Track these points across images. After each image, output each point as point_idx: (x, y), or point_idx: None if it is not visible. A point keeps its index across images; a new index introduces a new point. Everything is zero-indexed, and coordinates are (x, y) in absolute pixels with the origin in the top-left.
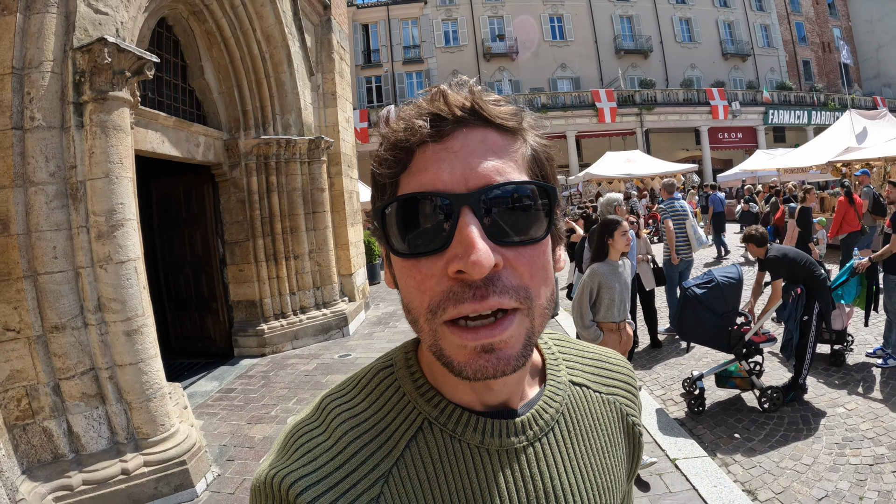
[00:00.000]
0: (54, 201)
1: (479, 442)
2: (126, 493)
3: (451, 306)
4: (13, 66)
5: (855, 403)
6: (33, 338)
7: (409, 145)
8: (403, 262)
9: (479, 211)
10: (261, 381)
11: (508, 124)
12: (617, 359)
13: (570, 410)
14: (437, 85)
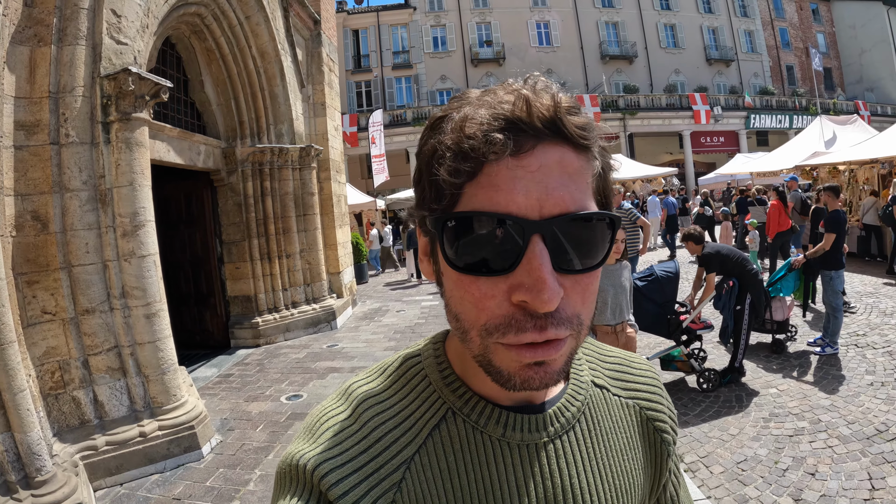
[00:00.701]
0: (86, 205)
1: (501, 435)
2: (143, 453)
3: (511, 333)
4: (49, 90)
5: (787, 385)
6: (67, 319)
7: (483, 158)
8: (460, 275)
9: (549, 239)
10: (256, 367)
11: (584, 142)
12: (640, 363)
13: (591, 410)
14: (526, 81)
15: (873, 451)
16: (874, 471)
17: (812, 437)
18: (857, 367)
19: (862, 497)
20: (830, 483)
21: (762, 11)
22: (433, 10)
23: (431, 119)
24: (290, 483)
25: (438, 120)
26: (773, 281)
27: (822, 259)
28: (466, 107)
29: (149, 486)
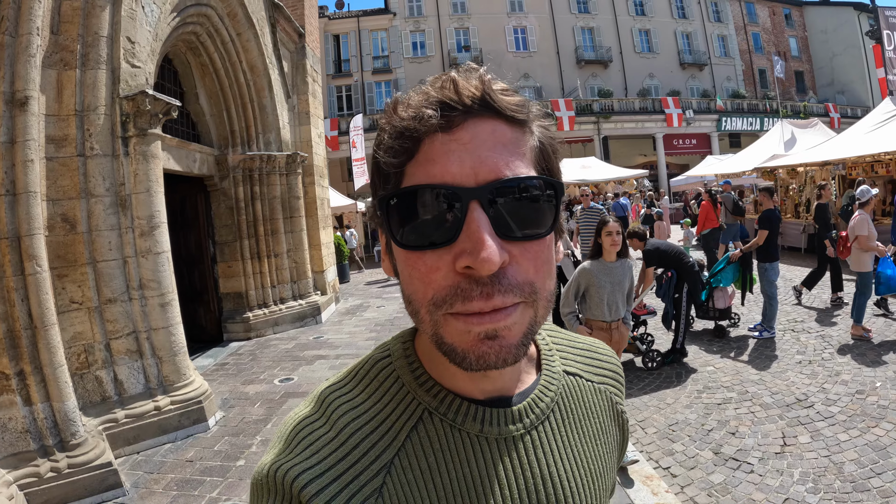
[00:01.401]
0: (109, 209)
1: (479, 431)
2: (157, 425)
3: (458, 302)
4: (76, 108)
5: (723, 364)
6: (92, 308)
7: (417, 134)
8: (408, 253)
9: (488, 205)
10: (249, 357)
11: (518, 116)
12: (604, 349)
13: (564, 399)
14: (447, 72)
15: (790, 416)
16: (788, 430)
17: (738, 404)
18: (790, 349)
19: (773, 451)
20: (748, 440)
21: (735, 16)
22: (413, 16)
23: (378, 126)
24: (268, 494)
25: (380, 127)
26: (714, 273)
27: (757, 252)
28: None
29: (163, 452)
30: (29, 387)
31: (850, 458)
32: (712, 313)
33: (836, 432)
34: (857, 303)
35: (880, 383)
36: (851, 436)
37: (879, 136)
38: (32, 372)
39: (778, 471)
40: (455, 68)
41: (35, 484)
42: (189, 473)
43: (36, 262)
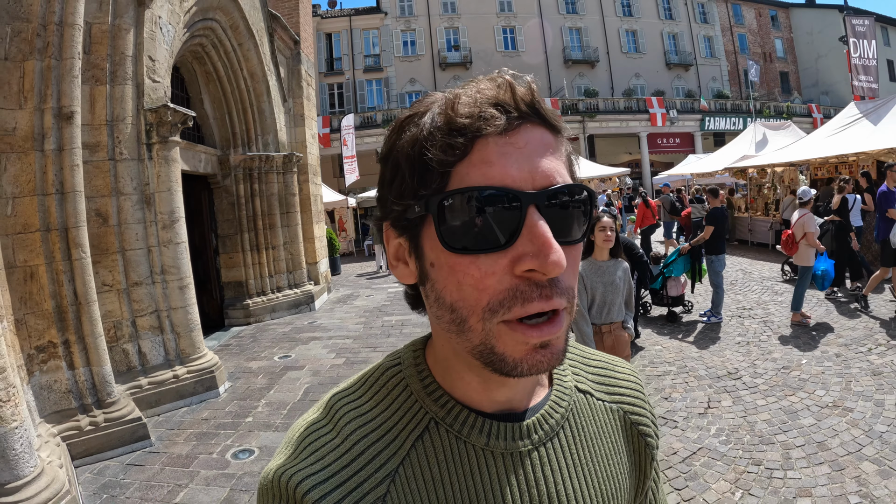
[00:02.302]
0: (136, 205)
1: (485, 444)
2: (175, 391)
3: (517, 305)
4: (107, 119)
5: (670, 343)
6: (121, 290)
7: (478, 134)
8: (458, 258)
9: (544, 210)
10: (250, 339)
11: (557, 125)
12: (623, 367)
13: (574, 416)
14: (500, 73)
15: (718, 385)
16: (714, 396)
17: (675, 376)
18: (733, 332)
19: (698, 412)
20: (677, 404)
21: (722, 18)
22: (403, 16)
23: (399, 120)
24: (273, 499)
25: (409, 117)
26: (667, 264)
27: (705, 246)
28: (440, 100)
29: (181, 414)
30: (72, 354)
31: (763, 418)
32: (666, 300)
33: (755, 399)
34: (796, 293)
35: (805, 361)
36: (768, 402)
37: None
38: (76, 341)
39: (699, 427)
40: (497, 75)
41: (76, 436)
42: (205, 428)
43: (81, 250)
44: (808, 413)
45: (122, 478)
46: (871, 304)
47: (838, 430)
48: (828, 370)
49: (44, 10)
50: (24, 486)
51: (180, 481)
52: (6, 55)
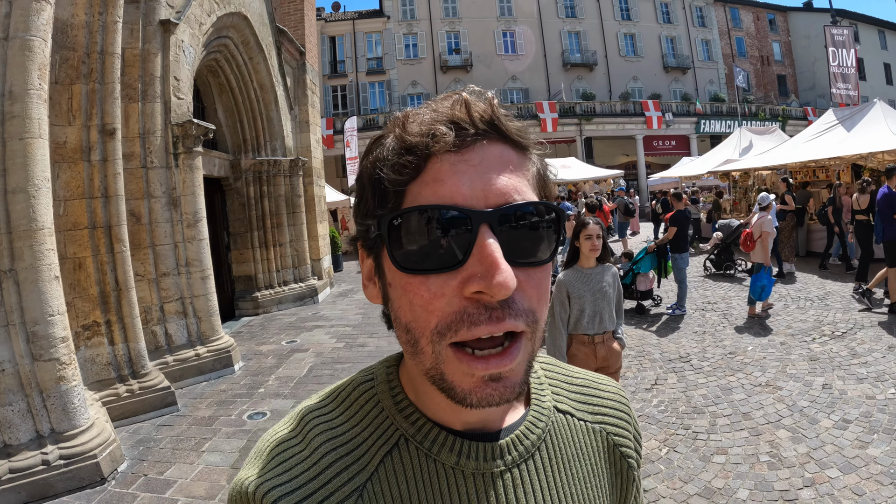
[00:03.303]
0: (164, 207)
1: (455, 463)
2: (196, 367)
3: (464, 328)
4: (139, 132)
5: (634, 332)
6: (151, 279)
7: (427, 152)
8: (409, 278)
9: (498, 229)
10: (259, 327)
11: (522, 141)
12: (609, 386)
13: (552, 437)
14: (457, 91)
15: (668, 367)
16: (662, 375)
17: (631, 359)
18: (693, 323)
19: (644, 388)
20: (628, 381)
21: (720, 22)
22: (406, 19)
23: (371, 139)
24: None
25: (377, 138)
26: (636, 261)
27: (670, 245)
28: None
29: (201, 387)
30: (113, 332)
31: (700, 393)
32: (636, 294)
33: (697, 378)
34: (752, 288)
35: (751, 347)
36: (708, 380)
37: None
38: (116, 321)
39: (643, 399)
40: (461, 88)
41: (114, 402)
42: (223, 398)
43: (122, 244)
44: (741, 390)
45: (155, 434)
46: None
47: (764, 404)
48: (770, 355)
49: (87, 40)
50: (79, 433)
51: (205, 436)
52: (56, 79)
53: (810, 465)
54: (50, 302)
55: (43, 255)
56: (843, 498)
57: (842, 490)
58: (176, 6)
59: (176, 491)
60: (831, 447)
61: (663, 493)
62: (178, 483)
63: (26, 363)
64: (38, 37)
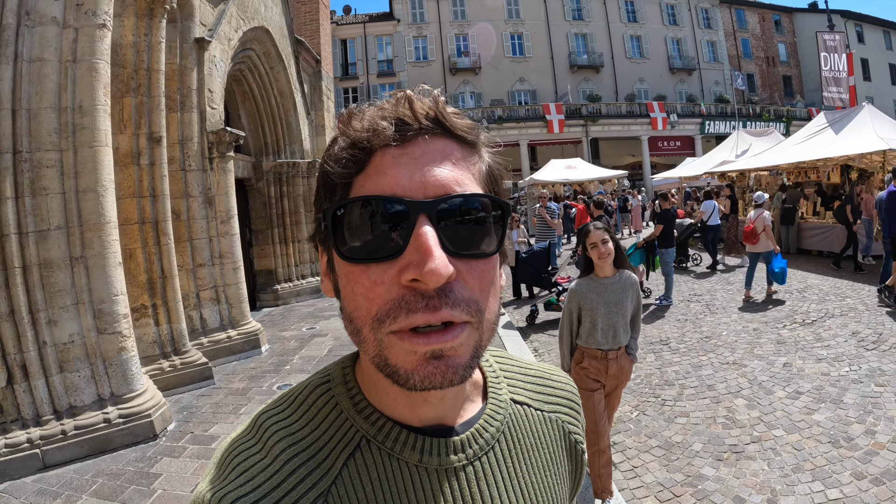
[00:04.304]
0: (201, 206)
1: (418, 461)
2: (228, 348)
3: (402, 316)
4: (179, 139)
5: None
6: (189, 269)
7: (369, 146)
8: (351, 267)
9: (436, 220)
10: (280, 316)
11: (468, 137)
12: (560, 377)
13: (511, 429)
14: (402, 90)
15: (648, 348)
16: (641, 355)
17: None
18: (678, 313)
19: None
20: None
21: (725, 23)
22: (415, 23)
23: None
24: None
25: (335, 138)
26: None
27: (657, 241)
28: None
29: (232, 366)
30: (158, 314)
31: (673, 370)
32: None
33: (672, 357)
34: (748, 274)
35: (726, 332)
36: (682, 359)
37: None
38: (161, 305)
39: None
40: (411, 88)
41: (158, 375)
42: (254, 373)
43: (167, 238)
44: (710, 367)
45: (196, 403)
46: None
47: (728, 378)
48: (741, 339)
49: (135, 59)
50: (135, 396)
51: (240, 402)
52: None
53: (759, 427)
54: (115, 284)
55: (109, 245)
56: (783, 452)
57: (783, 446)
58: (208, 24)
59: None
60: (781, 413)
61: (630, 445)
62: (221, 437)
63: (93, 336)
64: (102, 60)
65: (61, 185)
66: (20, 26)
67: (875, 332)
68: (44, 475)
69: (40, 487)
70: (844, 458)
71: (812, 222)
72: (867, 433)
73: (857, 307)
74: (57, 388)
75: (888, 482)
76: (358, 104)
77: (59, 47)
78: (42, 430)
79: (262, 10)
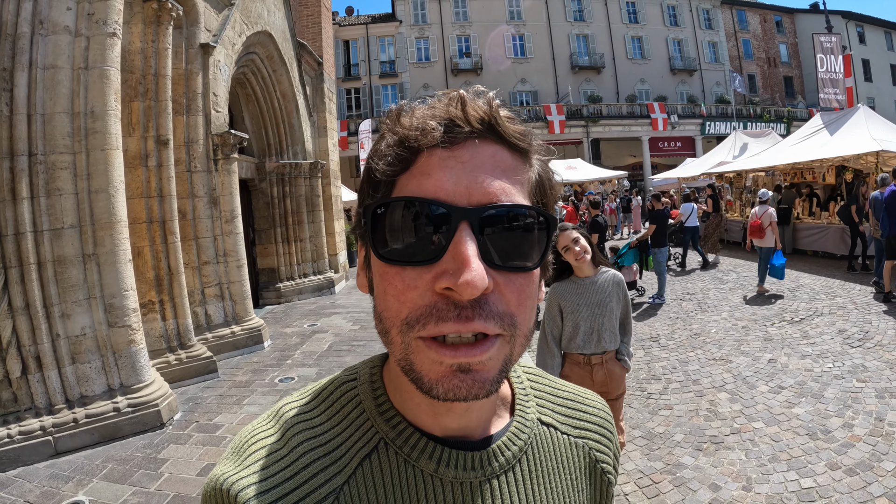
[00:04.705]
0: (206, 205)
1: (434, 470)
2: (231, 343)
3: (431, 323)
4: (184, 141)
5: None
6: (195, 267)
7: (416, 145)
8: (387, 267)
9: (478, 229)
10: (282, 314)
11: (520, 145)
12: (594, 401)
13: (534, 450)
14: (455, 89)
15: (639, 345)
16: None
17: None
18: (670, 311)
19: None
20: None
21: (726, 24)
22: (417, 24)
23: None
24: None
25: (382, 134)
26: (620, 255)
27: (651, 240)
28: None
29: (236, 360)
30: (165, 310)
31: (661, 365)
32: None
33: (661, 353)
34: (760, 269)
35: (715, 330)
36: (671, 355)
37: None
38: (168, 301)
39: None
40: (465, 89)
41: (165, 368)
42: (256, 367)
43: (174, 236)
44: (696, 363)
45: (201, 394)
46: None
47: (713, 373)
48: (729, 336)
49: (143, 64)
50: (144, 387)
51: (244, 394)
52: None
53: (740, 419)
54: (125, 280)
55: (120, 243)
56: (761, 442)
57: (762, 437)
58: (213, 30)
59: (224, 431)
60: (762, 406)
61: None
62: (225, 426)
63: (103, 329)
64: (112, 67)
65: (74, 186)
66: (34, 35)
67: (861, 331)
68: (56, 461)
69: (53, 472)
70: (820, 449)
71: (807, 222)
72: (845, 426)
73: (846, 306)
74: (69, 379)
75: (861, 473)
76: (409, 100)
77: (72, 55)
78: (54, 418)
79: (265, 15)
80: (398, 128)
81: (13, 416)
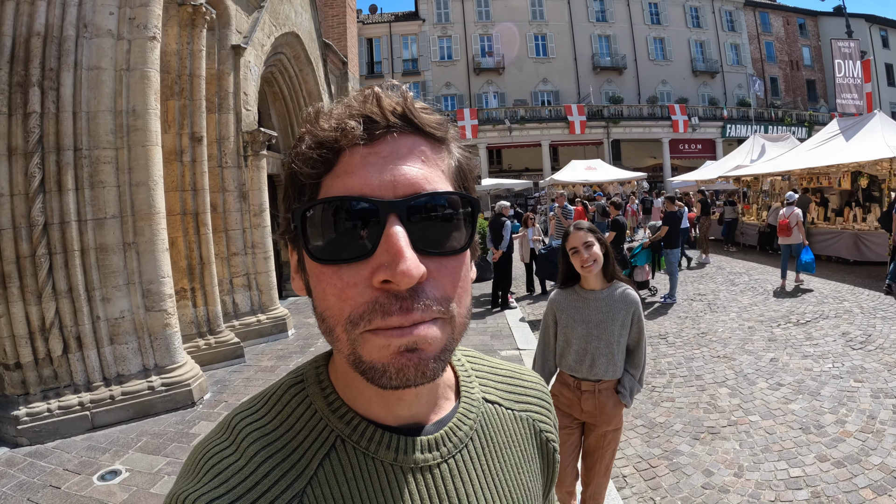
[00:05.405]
0: (236, 200)
1: (393, 459)
2: (258, 331)
3: (378, 318)
4: (216, 138)
5: None
6: (224, 258)
7: (337, 146)
8: (323, 268)
9: (406, 219)
10: (305, 304)
11: (437, 133)
12: (530, 376)
13: (483, 427)
14: (370, 86)
15: (648, 343)
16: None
17: None
18: (679, 310)
19: None
20: None
21: (749, 26)
22: (440, 23)
23: (295, 138)
24: None
25: (301, 136)
26: (633, 255)
27: (663, 241)
28: None
29: (261, 347)
30: (196, 297)
31: (667, 360)
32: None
33: (668, 350)
34: (783, 266)
35: (722, 329)
36: (677, 352)
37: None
38: (199, 289)
39: None
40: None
41: (195, 352)
42: (281, 354)
43: (206, 228)
44: (701, 360)
45: (229, 377)
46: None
47: (717, 370)
48: (735, 336)
49: (178, 65)
50: (176, 368)
51: (270, 378)
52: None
53: (738, 412)
54: (162, 267)
55: (158, 233)
56: (755, 434)
57: (757, 430)
58: (243, 32)
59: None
60: (760, 401)
61: None
62: None
63: (141, 313)
64: (153, 68)
65: (116, 179)
66: (79, 38)
67: (864, 334)
68: (92, 434)
69: (90, 444)
70: (812, 442)
71: (821, 227)
72: (838, 422)
73: (852, 310)
74: (107, 358)
75: (849, 465)
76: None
77: (114, 57)
78: (92, 394)
79: (292, 17)
80: (317, 129)
81: (53, 392)
